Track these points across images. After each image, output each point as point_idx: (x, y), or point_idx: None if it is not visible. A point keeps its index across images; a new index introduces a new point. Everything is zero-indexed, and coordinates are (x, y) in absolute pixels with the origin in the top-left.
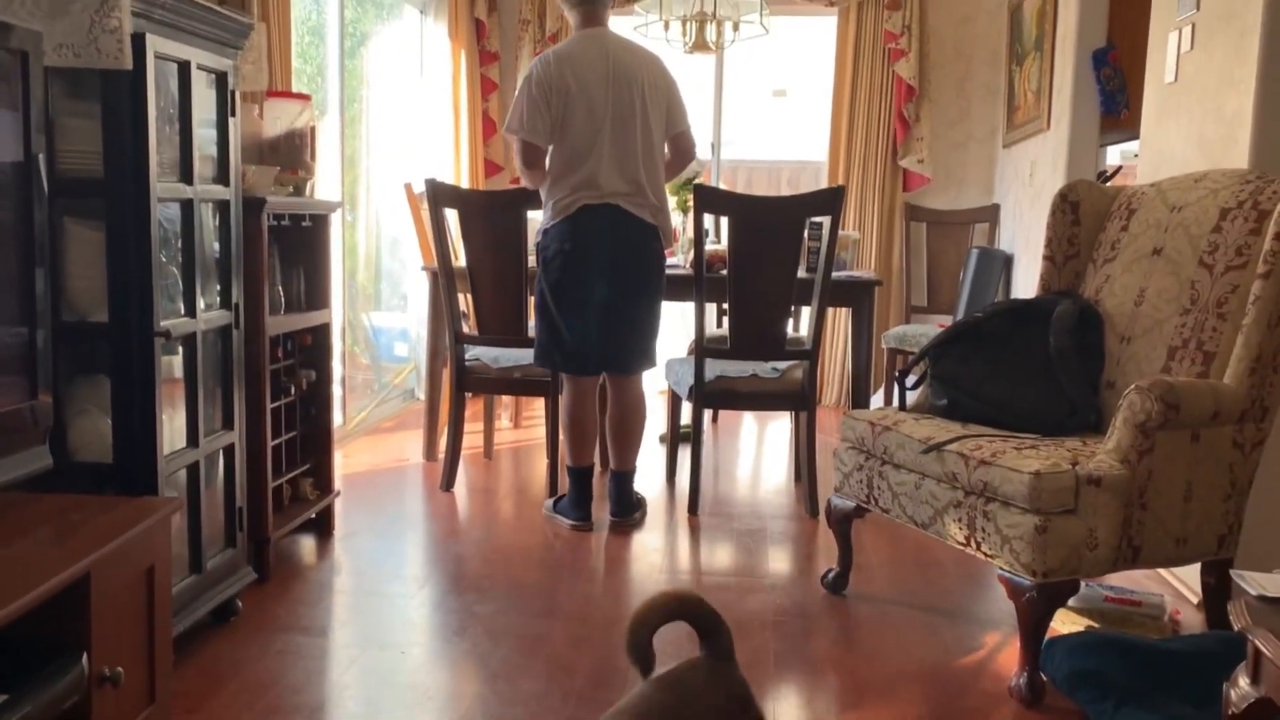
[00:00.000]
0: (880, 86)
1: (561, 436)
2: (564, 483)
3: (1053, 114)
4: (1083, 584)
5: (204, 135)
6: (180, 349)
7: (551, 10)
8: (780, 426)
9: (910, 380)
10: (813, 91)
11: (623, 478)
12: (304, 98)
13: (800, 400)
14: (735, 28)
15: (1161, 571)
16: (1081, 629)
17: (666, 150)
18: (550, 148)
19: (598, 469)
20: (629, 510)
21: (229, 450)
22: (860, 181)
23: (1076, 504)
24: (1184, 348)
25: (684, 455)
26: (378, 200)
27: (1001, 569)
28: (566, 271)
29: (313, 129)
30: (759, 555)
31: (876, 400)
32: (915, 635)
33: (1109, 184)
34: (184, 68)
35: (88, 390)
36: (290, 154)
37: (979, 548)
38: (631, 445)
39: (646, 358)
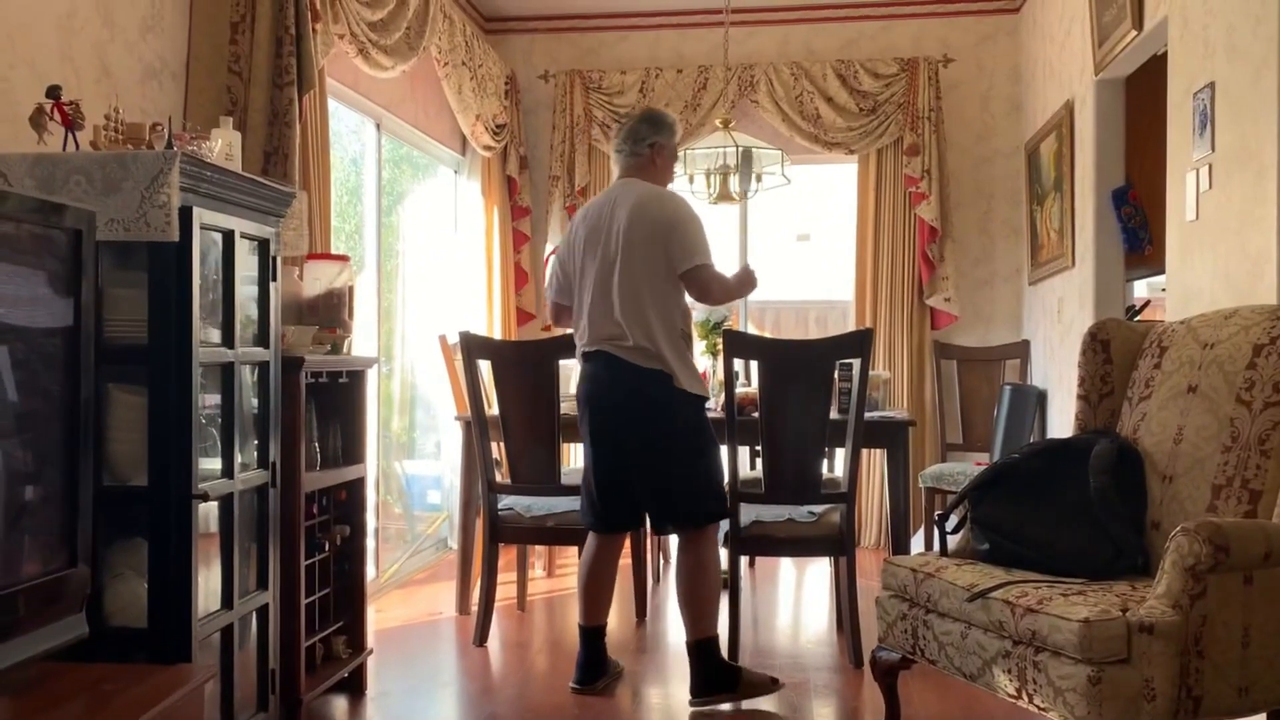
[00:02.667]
0: (903, 228)
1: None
2: None
3: (1076, 252)
4: None
5: (245, 296)
6: (217, 510)
7: (580, 166)
8: (820, 570)
9: (950, 524)
10: (836, 234)
11: (697, 649)
12: (343, 259)
13: (839, 545)
14: (758, 178)
15: None
16: None
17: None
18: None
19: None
20: (712, 687)
21: (263, 611)
22: (888, 321)
23: (1130, 653)
24: (1228, 486)
25: (721, 603)
26: (413, 350)
27: None
28: (581, 420)
29: (351, 288)
30: (804, 711)
31: (917, 542)
32: None
33: (1139, 319)
34: (228, 237)
35: (125, 554)
36: (328, 313)
37: (1031, 700)
38: (694, 609)
39: (687, 513)
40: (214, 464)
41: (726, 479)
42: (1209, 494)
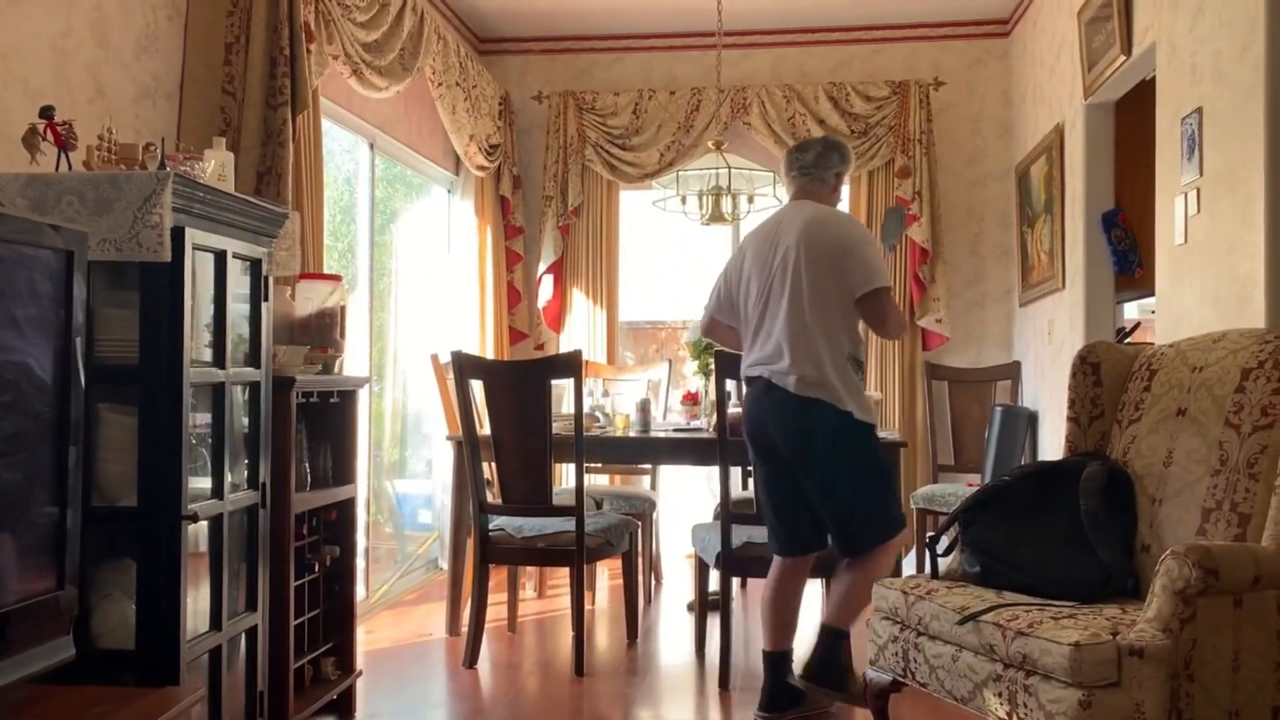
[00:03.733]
0: (895, 249)
1: None
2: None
3: (1067, 274)
4: None
5: (237, 316)
6: (207, 530)
7: (573, 186)
8: (812, 591)
9: (941, 546)
10: None
11: (826, 632)
12: (335, 278)
13: (831, 567)
14: (750, 200)
15: None
16: None
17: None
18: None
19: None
20: (819, 677)
21: (251, 632)
22: (879, 342)
23: (1120, 676)
24: (1218, 509)
25: (713, 624)
26: (405, 369)
27: None
28: (748, 445)
29: (343, 308)
30: None
31: (909, 563)
32: None
33: (1129, 341)
34: (220, 257)
35: (113, 574)
36: (320, 333)
37: None
38: (841, 604)
39: (857, 544)
40: (204, 484)
41: (900, 497)
42: (1198, 517)
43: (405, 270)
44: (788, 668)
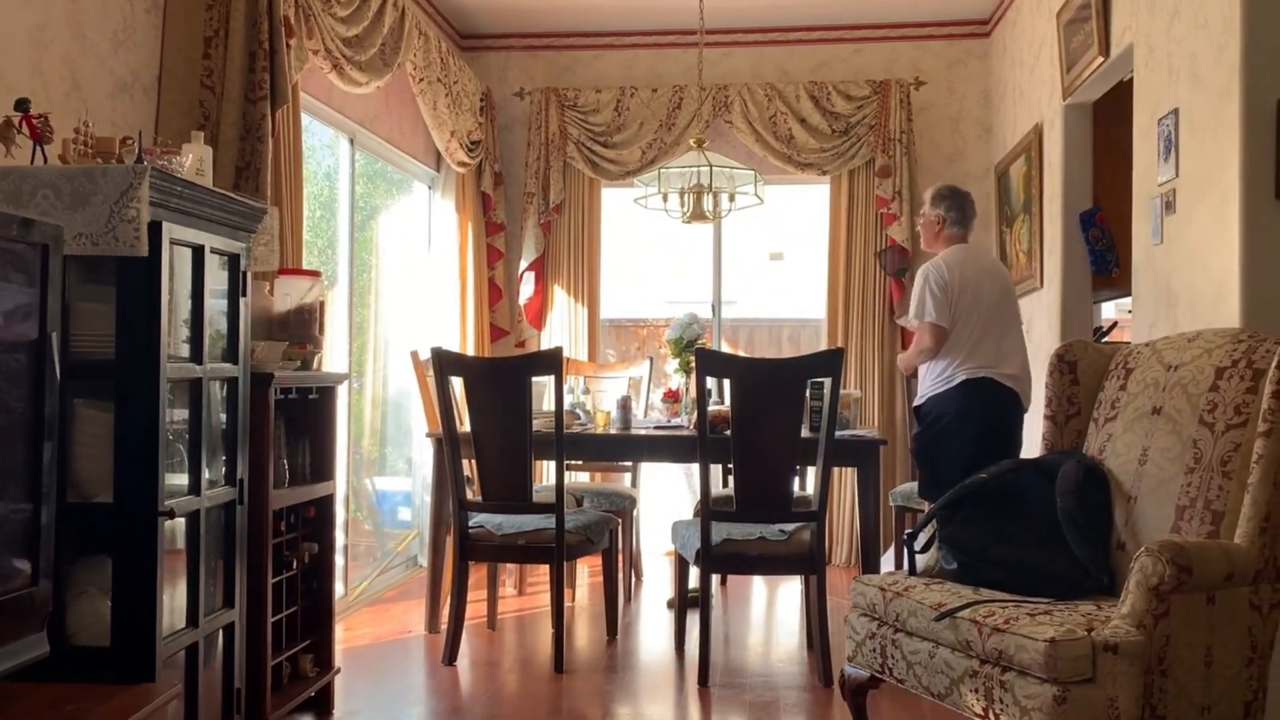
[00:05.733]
0: (875, 248)
1: None
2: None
3: (1045, 273)
4: None
5: (215, 311)
6: (184, 527)
7: (555, 183)
8: (791, 588)
9: (919, 543)
10: (809, 253)
11: None
12: (314, 274)
13: (809, 564)
14: (731, 198)
15: None
16: None
17: None
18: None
19: None
20: None
21: (229, 629)
22: (859, 339)
23: (1095, 672)
24: (1192, 507)
25: (693, 621)
26: (384, 366)
27: None
28: (947, 434)
29: (322, 304)
30: None
31: (887, 560)
32: None
33: (1106, 340)
34: (198, 252)
35: (88, 571)
36: (299, 328)
37: (998, 719)
38: None
39: None
40: (181, 480)
41: None
42: (1173, 515)
43: (386, 266)
44: None
